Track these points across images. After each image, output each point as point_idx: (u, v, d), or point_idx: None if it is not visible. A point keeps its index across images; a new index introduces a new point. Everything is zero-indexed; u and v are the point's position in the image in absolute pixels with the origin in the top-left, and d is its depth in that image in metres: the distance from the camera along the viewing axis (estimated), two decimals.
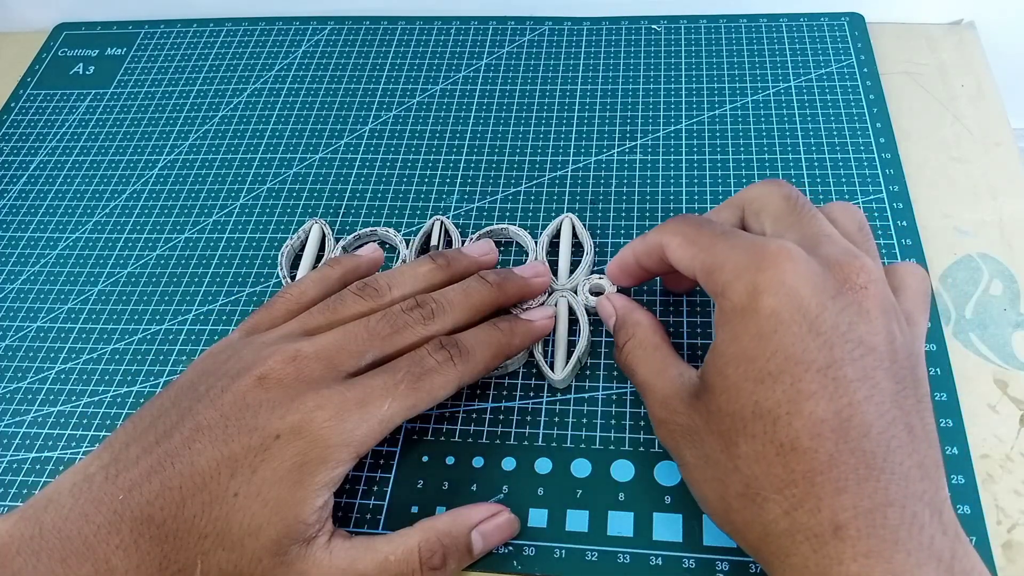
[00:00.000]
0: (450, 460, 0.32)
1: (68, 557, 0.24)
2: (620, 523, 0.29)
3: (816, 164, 0.39)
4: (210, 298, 0.38)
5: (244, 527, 0.25)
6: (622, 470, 0.31)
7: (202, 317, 0.37)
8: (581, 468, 0.31)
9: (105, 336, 0.37)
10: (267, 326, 0.30)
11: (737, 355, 0.24)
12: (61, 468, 0.33)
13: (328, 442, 0.26)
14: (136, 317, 0.38)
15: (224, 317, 0.37)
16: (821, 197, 0.38)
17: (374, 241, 0.39)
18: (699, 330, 0.34)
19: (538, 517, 0.30)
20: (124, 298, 0.39)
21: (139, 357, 0.36)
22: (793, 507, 0.22)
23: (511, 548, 0.29)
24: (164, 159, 0.44)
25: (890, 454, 0.22)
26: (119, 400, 0.35)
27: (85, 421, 0.34)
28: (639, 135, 0.42)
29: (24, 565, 0.24)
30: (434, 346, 0.29)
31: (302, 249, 0.39)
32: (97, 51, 0.51)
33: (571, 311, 0.34)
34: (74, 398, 0.35)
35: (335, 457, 0.26)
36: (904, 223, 0.36)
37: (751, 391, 0.24)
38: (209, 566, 0.25)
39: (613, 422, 0.32)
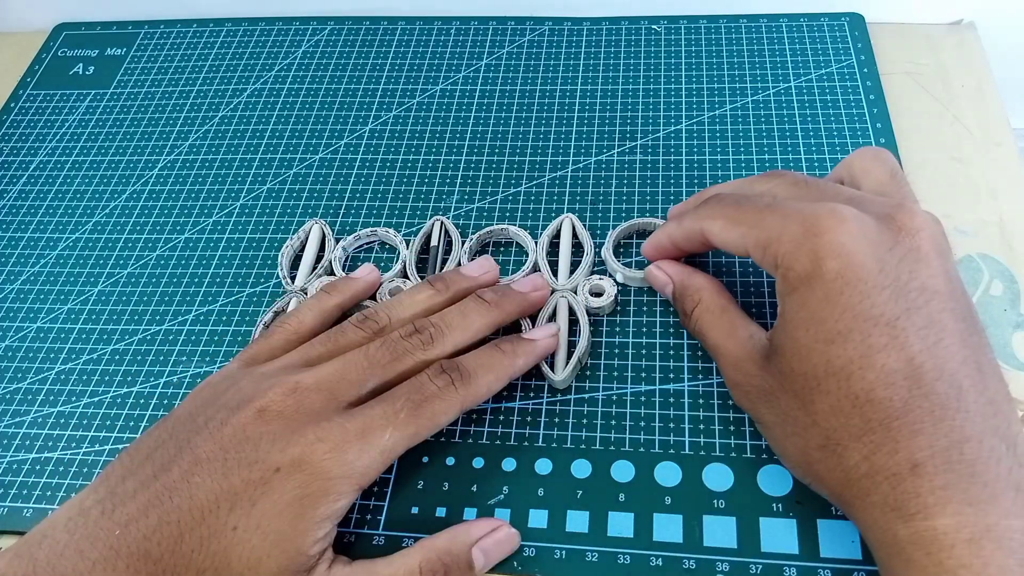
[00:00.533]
0: (450, 461, 0.32)
1: None
2: (620, 524, 0.29)
3: (816, 164, 0.39)
4: (210, 299, 0.38)
5: (243, 561, 0.25)
6: (622, 471, 0.31)
7: (202, 318, 0.37)
8: (581, 469, 0.31)
9: (105, 337, 0.37)
10: (266, 357, 0.30)
11: (806, 319, 0.25)
12: (61, 468, 0.33)
13: (329, 474, 0.26)
14: (136, 318, 0.38)
15: (224, 317, 0.37)
16: None
17: (374, 241, 0.39)
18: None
19: (538, 518, 0.30)
20: (124, 298, 0.39)
21: (139, 358, 0.36)
22: (872, 452, 0.23)
23: None
24: (164, 159, 0.44)
25: (963, 394, 0.23)
26: (119, 401, 0.35)
27: (85, 422, 0.34)
28: (639, 135, 0.42)
29: None
30: (434, 371, 0.29)
31: (302, 249, 0.39)
32: (97, 51, 0.51)
33: (571, 311, 0.34)
34: (74, 399, 0.35)
35: (336, 489, 0.26)
36: None
37: (822, 351, 0.24)
38: None
39: (613, 423, 0.32)
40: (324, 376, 0.28)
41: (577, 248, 0.37)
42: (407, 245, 0.38)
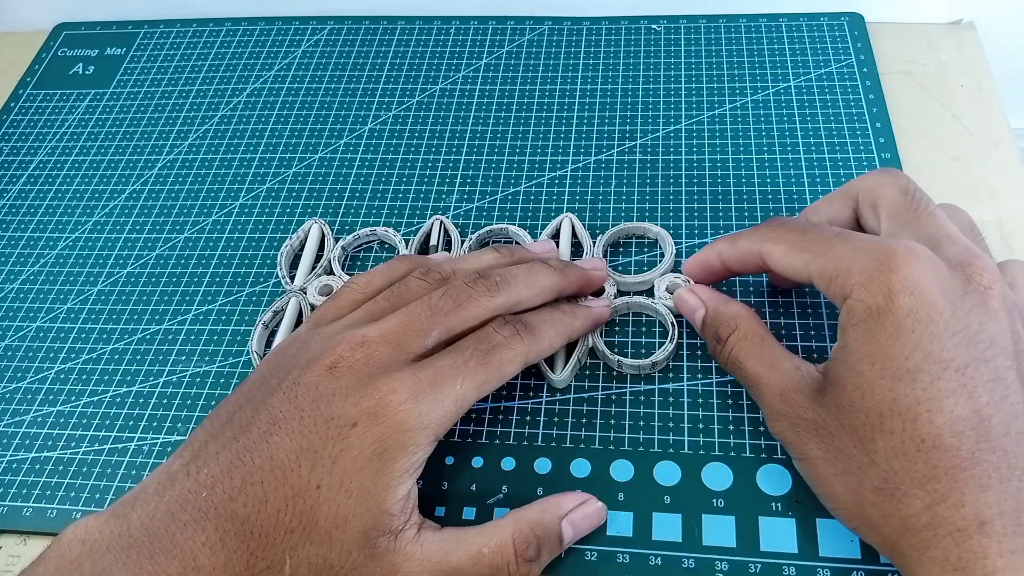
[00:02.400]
0: (449, 460, 0.32)
1: (156, 554, 0.24)
2: (619, 523, 0.29)
3: (815, 164, 0.39)
4: (209, 298, 0.38)
5: (330, 519, 0.25)
6: (621, 470, 0.31)
7: (201, 317, 0.37)
8: (580, 468, 0.31)
9: (104, 336, 0.37)
10: (333, 317, 0.30)
11: (873, 353, 0.24)
12: (60, 468, 0.33)
13: (406, 426, 0.26)
14: (135, 317, 0.38)
15: (223, 317, 0.37)
16: (820, 196, 0.38)
17: (373, 241, 0.39)
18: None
19: None
20: (123, 298, 0.39)
21: (138, 357, 0.36)
22: (936, 502, 0.22)
23: None
24: (163, 159, 0.44)
25: None
26: (118, 400, 0.35)
27: (84, 421, 0.34)
28: (638, 135, 0.42)
29: (113, 562, 0.24)
30: (499, 323, 0.29)
31: (301, 249, 0.39)
32: (97, 51, 0.51)
33: None
34: (73, 398, 0.35)
35: (414, 441, 0.26)
36: None
37: (888, 388, 0.24)
38: (298, 561, 0.25)
39: (612, 422, 0.32)
40: (389, 328, 0.28)
41: (576, 247, 0.37)
42: (406, 244, 0.38)
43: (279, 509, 0.25)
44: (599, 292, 0.35)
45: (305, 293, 0.36)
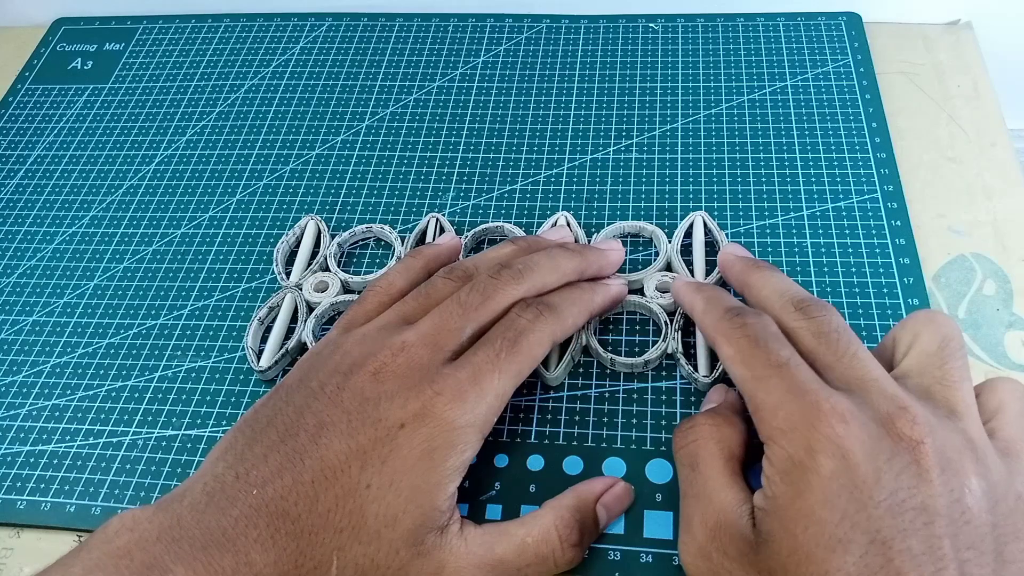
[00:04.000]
0: None
1: (209, 546, 0.24)
2: None
3: (812, 163, 0.39)
4: (205, 293, 0.38)
5: (380, 518, 0.25)
6: (614, 467, 0.31)
7: (197, 312, 0.37)
8: (573, 465, 0.31)
9: (100, 331, 0.37)
10: (363, 320, 0.31)
11: (805, 514, 0.23)
12: (55, 462, 0.33)
13: (454, 424, 0.26)
14: (132, 312, 0.38)
15: (219, 312, 0.37)
16: (815, 196, 0.38)
17: (369, 238, 0.39)
18: None
19: None
20: (120, 293, 0.39)
21: (134, 352, 0.36)
22: None
23: None
24: (161, 154, 0.44)
25: None
26: (113, 395, 0.35)
27: (80, 415, 0.35)
28: (635, 133, 0.42)
29: (164, 552, 0.23)
30: (521, 307, 0.29)
31: (297, 245, 0.39)
32: (95, 46, 0.51)
33: None
34: (68, 392, 0.35)
35: (463, 439, 0.26)
36: (898, 223, 0.37)
37: (823, 559, 0.22)
38: (345, 562, 0.25)
39: (605, 419, 0.32)
40: (426, 330, 0.28)
41: None
42: (402, 242, 0.38)
43: (329, 509, 0.25)
44: None
45: (301, 289, 0.36)
